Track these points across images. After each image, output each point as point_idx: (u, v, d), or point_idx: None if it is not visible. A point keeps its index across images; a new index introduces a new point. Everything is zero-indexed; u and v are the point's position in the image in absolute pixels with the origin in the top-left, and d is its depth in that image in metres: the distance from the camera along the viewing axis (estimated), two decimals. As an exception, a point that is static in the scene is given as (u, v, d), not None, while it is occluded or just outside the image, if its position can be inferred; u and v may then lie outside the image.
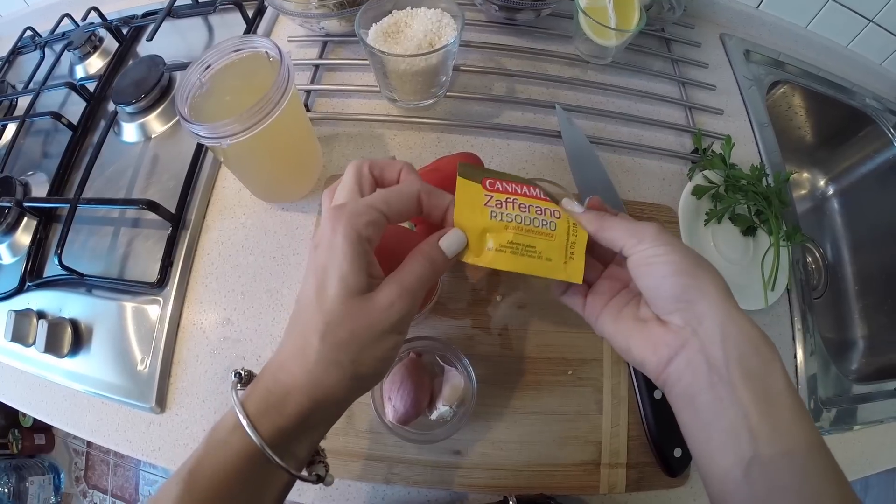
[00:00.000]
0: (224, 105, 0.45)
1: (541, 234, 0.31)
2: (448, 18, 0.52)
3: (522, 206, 0.31)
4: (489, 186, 0.32)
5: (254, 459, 0.26)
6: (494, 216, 0.31)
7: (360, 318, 0.26)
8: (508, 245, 0.31)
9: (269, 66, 0.45)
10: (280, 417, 0.26)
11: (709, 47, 0.72)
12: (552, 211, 0.32)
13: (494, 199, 0.31)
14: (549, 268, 0.31)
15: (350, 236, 0.26)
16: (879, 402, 0.57)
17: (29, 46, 0.79)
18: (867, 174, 0.80)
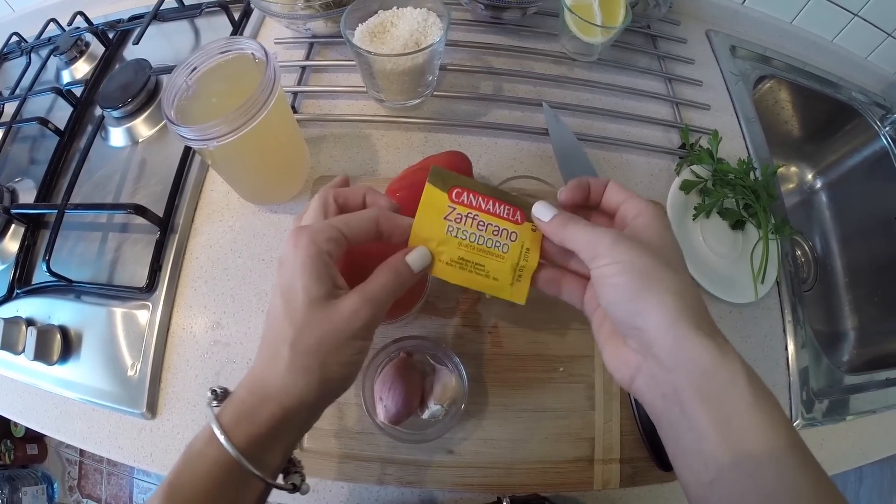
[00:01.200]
0: (211, 107, 0.45)
1: (492, 254, 0.33)
2: (434, 18, 0.52)
3: (481, 225, 0.33)
4: (455, 198, 0.33)
5: (230, 469, 0.27)
6: (451, 231, 0.32)
7: (325, 325, 0.28)
8: (458, 261, 0.32)
9: (256, 68, 0.45)
10: (253, 426, 0.27)
11: (695, 43, 0.73)
12: (509, 233, 0.33)
13: (456, 212, 0.33)
14: (494, 287, 0.33)
15: (310, 250, 0.28)
16: (871, 392, 0.58)
17: (15, 52, 0.79)
18: (854, 167, 0.81)
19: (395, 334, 0.46)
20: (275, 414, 0.28)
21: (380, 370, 0.45)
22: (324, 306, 0.28)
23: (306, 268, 0.28)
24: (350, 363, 0.29)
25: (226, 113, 0.39)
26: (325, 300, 0.28)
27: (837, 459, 0.54)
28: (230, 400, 0.29)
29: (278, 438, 0.28)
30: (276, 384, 0.28)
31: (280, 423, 0.28)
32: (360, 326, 0.29)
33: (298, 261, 0.28)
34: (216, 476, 0.27)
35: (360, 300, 0.29)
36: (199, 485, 0.27)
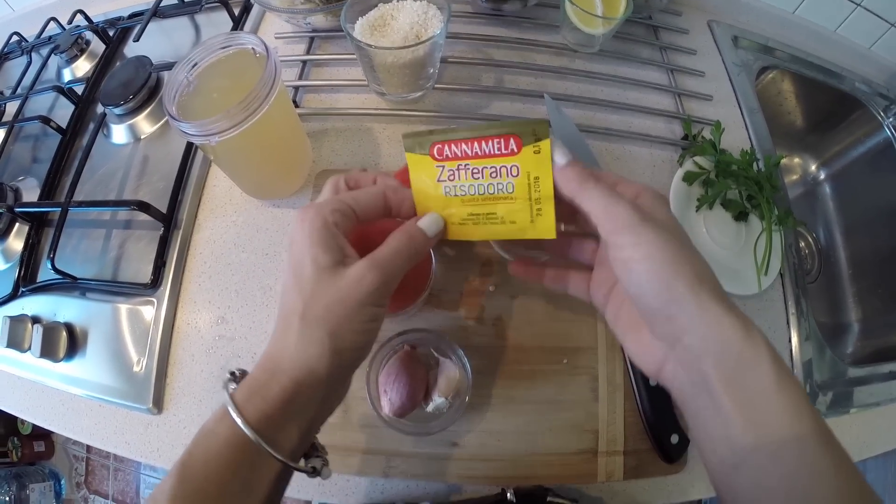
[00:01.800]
0: (212, 102, 0.45)
1: (499, 198, 0.30)
2: (434, 10, 0.52)
3: (475, 172, 0.30)
4: (438, 155, 0.30)
5: (242, 447, 0.26)
6: (448, 191, 0.31)
7: (333, 292, 0.27)
8: (469, 217, 0.31)
9: (257, 63, 0.45)
10: (264, 402, 0.27)
11: (697, 34, 0.72)
12: (508, 168, 0.29)
13: (446, 169, 0.30)
14: (516, 230, 0.31)
15: (316, 222, 0.28)
16: (875, 384, 0.58)
17: (15, 51, 0.79)
18: (858, 158, 0.81)
19: (399, 327, 0.46)
20: (286, 388, 0.27)
21: (384, 363, 0.45)
22: (332, 274, 0.28)
23: (313, 238, 0.28)
24: (362, 332, 0.29)
25: (227, 108, 0.39)
26: (333, 268, 0.28)
27: (845, 451, 0.54)
28: (244, 379, 0.28)
29: (292, 414, 0.28)
30: (288, 357, 0.28)
31: (292, 397, 0.27)
32: (369, 292, 0.28)
33: (305, 233, 0.28)
34: (228, 455, 0.26)
35: (369, 265, 0.28)
36: (212, 464, 0.26)
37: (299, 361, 0.27)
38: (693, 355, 0.26)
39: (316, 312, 0.27)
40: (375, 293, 0.28)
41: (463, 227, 0.31)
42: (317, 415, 0.30)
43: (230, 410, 0.26)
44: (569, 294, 0.35)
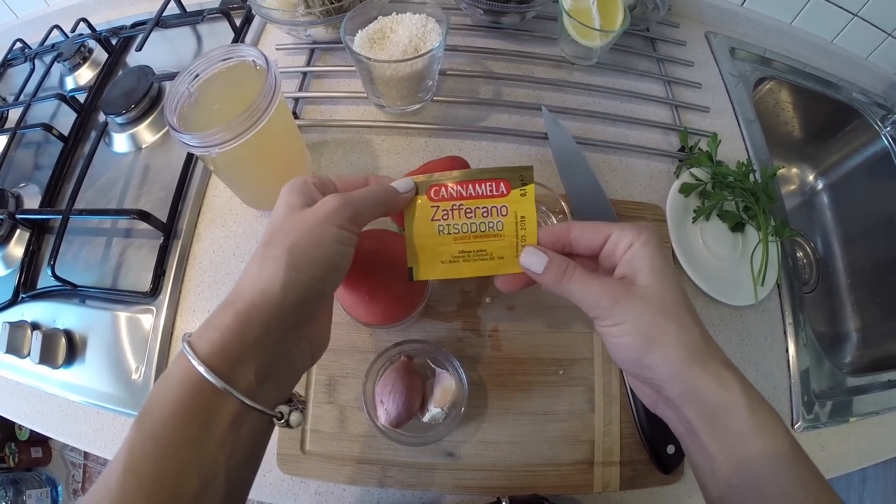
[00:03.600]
0: (213, 114, 0.45)
1: (489, 236, 0.33)
2: (433, 23, 0.53)
3: (468, 212, 0.33)
4: (434, 196, 0.33)
5: (196, 386, 0.25)
6: (442, 230, 0.33)
7: (299, 220, 0.28)
8: (460, 255, 0.33)
9: (257, 75, 0.46)
10: (217, 332, 0.25)
11: (694, 46, 0.73)
12: (499, 209, 0.33)
13: (441, 209, 0.33)
14: (502, 265, 0.33)
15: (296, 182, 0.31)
16: (874, 393, 0.58)
17: (19, 58, 0.80)
18: (856, 168, 0.81)
19: (396, 338, 0.46)
20: (239, 312, 0.26)
21: (381, 374, 0.45)
22: (301, 210, 0.29)
23: (290, 191, 0.30)
24: (321, 247, 0.28)
25: (228, 120, 0.40)
26: (302, 207, 0.29)
27: (840, 461, 0.54)
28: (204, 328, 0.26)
29: (247, 345, 0.26)
30: (244, 282, 0.27)
31: (245, 322, 0.25)
32: (331, 211, 0.28)
33: (284, 189, 0.31)
34: (183, 395, 0.24)
35: (336, 196, 0.29)
36: (167, 407, 0.24)
37: (253, 283, 0.26)
38: (674, 405, 0.29)
39: (277, 236, 0.28)
40: (338, 214, 0.28)
41: (454, 265, 0.33)
42: (278, 349, 0.27)
43: (182, 345, 0.25)
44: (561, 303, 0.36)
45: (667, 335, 0.28)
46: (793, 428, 0.53)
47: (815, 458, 0.53)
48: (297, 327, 0.29)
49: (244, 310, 0.26)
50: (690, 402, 0.28)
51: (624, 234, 0.30)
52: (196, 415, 0.25)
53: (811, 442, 0.53)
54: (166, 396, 0.25)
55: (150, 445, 0.24)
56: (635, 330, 0.28)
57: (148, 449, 0.24)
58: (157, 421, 0.24)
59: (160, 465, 0.23)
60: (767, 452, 0.27)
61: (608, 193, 0.57)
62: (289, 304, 0.27)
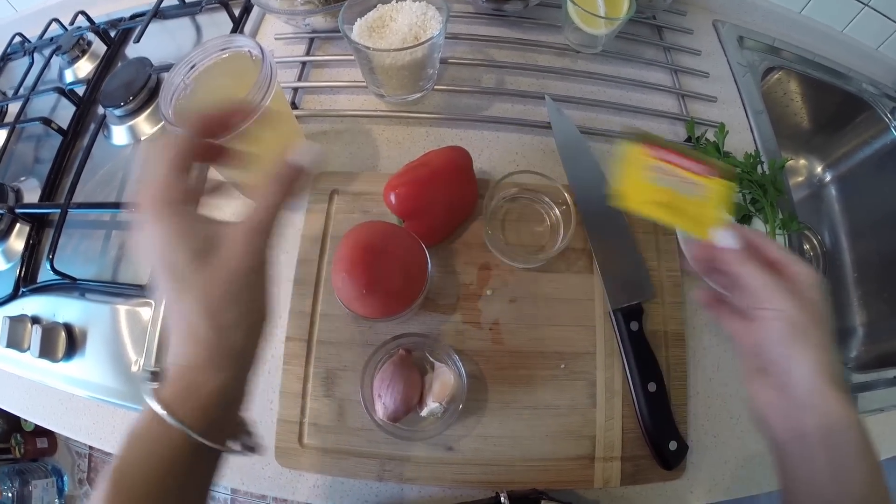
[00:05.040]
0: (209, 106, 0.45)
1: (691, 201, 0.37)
2: (433, 11, 0.52)
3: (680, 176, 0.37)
4: (651, 149, 0.37)
5: (178, 444, 0.26)
6: (651, 178, 0.37)
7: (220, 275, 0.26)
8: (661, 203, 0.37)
9: (254, 66, 0.45)
10: (194, 397, 0.26)
11: (701, 34, 0.71)
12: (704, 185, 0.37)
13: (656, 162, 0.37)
14: (692, 226, 0.37)
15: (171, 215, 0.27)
16: (880, 390, 0.57)
17: (18, 52, 0.79)
18: (865, 160, 0.79)
19: (395, 331, 0.46)
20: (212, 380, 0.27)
21: (379, 367, 0.45)
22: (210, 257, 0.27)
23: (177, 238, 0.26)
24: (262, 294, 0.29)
25: None
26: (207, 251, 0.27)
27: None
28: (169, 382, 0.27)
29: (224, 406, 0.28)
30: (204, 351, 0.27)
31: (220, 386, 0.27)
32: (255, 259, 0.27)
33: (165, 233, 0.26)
34: (164, 454, 0.26)
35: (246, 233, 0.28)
36: (146, 466, 0.25)
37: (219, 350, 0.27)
38: (796, 406, 0.32)
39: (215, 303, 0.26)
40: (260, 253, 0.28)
41: (654, 206, 0.37)
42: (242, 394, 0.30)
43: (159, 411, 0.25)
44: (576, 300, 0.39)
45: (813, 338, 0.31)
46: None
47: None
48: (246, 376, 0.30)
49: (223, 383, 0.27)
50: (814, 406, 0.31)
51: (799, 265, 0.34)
52: (174, 469, 0.26)
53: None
54: (145, 454, 0.26)
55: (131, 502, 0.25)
56: (790, 321, 0.32)
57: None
58: (138, 478, 0.25)
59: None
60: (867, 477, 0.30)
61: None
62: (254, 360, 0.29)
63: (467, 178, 0.51)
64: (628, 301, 0.49)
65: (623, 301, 0.50)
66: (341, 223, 0.52)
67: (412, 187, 0.47)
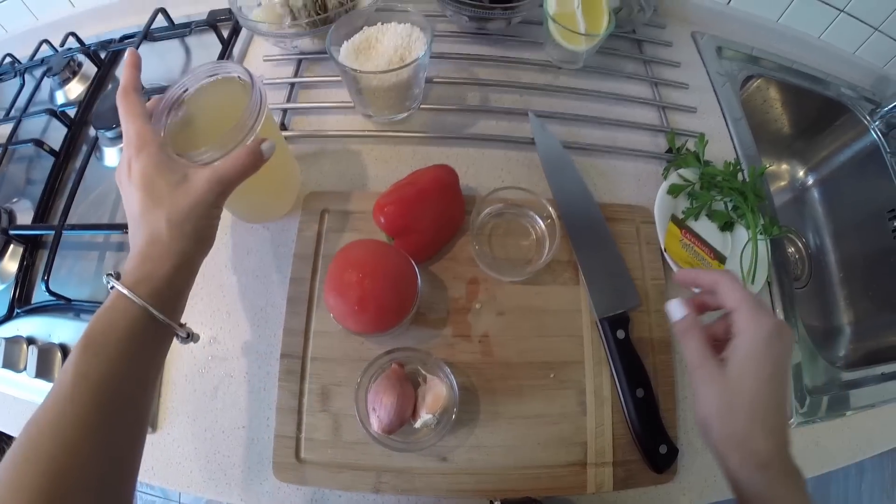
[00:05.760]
0: (199, 132, 0.45)
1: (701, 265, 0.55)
2: (418, 32, 0.53)
3: (695, 251, 0.56)
4: (683, 234, 0.56)
5: (138, 318, 0.33)
6: (684, 247, 0.56)
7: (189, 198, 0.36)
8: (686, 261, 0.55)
9: (243, 90, 0.45)
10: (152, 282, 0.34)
11: (681, 46, 0.73)
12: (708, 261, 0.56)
13: (686, 239, 0.56)
14: None
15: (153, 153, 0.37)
16: (869, 386, 0.58)
17: (8, 73, 0.79)
18: (845, 162, 0.81)
19: (387, 346, 0.47)
20: (168, 271, 0.35)
21: (373, 381, 0.46)
22: (183, 188, 0.36)
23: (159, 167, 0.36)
24: (210, 225, 0.38)
25: (215, 138, 0.40)
26: (181, 184, 0.36)
27: (837, 454, 0.54)
28: (128, 271, 0.34)
29: (173, 291, 0.35)
30: (164, 250, 0.35)
31: (172, 278, 0.35)
32: (214, 199, 0.37)
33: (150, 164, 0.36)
34: (127, 324, 0.33)
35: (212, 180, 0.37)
36: (110, 332, 0.32)
37: (175, 251, 0.35)
38: None
39: (179, 217, 0.35)
40: (219, 199, 0.37)
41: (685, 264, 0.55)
42: (187, 289, 0.38)
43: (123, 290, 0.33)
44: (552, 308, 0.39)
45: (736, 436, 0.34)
46: (787, 424, 0.53)
47: (809, 453, 0.54)
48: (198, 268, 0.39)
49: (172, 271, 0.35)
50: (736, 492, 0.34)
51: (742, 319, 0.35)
52: (134, 338, 0.33)
53: (805, 437, 0.54)
54: (111, 325, 0.32)
55: (95, 361, 0.31)
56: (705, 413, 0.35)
57: (94, 362, 0.31)
58: (102, 342, 0.32)
59: (105, 373, 0.31)
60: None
61: (596, 197, 0.57)
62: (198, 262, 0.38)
63: (454, 195, 0.52)
64: (614, 310, 0.51)
65: (609, 310, 0.51)
66: (332, 242, 0.53)
67: (400, 206, 0.48)
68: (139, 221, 0.36)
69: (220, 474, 0.48)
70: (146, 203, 0.36)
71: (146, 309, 0.33)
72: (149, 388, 0.35)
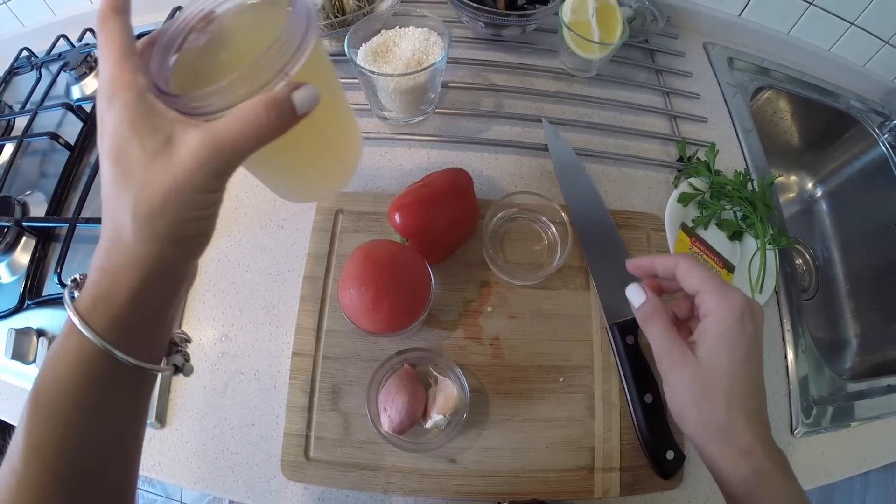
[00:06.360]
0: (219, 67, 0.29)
1: None
2: (435, 37, 0.54)
3: (704, 260, 0.56)
4: (693, 242, 0.57)
5: (95, 360, 0.24)
6: (693, 255, 0.52)
7: (167, 180, 0.23)
8: None
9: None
10: (111, 307, 0.24)
11: (692, 56, 0.74)
12: (717, 270, 0.56)
13: (695, 249, 0.57)
14: None
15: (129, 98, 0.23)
16: (874, 398, 0.58)
17: (25, 67, 0.80)
18: (854, 175, 0.81)
19: (399, 346, 0.47)
20: (133, 289, 0.24)
21: (384, 381, 0.46)
22: (161, 159, 0.23)
23: (133, 123, 0.23)
24: (202, 218, 0.25)
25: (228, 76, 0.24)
26: (161, 152, 0.23)
27: (841, 465, 0.54)
28: (85, 287, 0.24)
29: (146, 314, 0.25)
30: (127, 257, 0.24)
31: (141, 296, 0.24)
32: (206, 180, 0.23)
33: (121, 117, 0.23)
34: (80, 369, 0.23)
35: (205, 146, 0.23)
36: (62, 382, 0.23)
37: (143, 258, 0.24)
38: None
39: (151, 206, 0.23)
40: (217, 179, 0.24)
41: None
42: (169, 308, 0.27)
43: (74, 321, 0.23)
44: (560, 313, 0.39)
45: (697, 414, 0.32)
46: (792, 434, 0.53)
47: (814, 463, 0.53)
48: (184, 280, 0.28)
49: (137, 286, 0.24)
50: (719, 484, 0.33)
51: (709, 300, 0.34)
52: (94, 388, 0.24)
53: (811, 448, 0.54)
54: (60, 372, 0.24)
55: (49, 423, 0.23)
56: (678, 400, 0.33)
57: (47, 426, 0.23)
58: (53, 397, 0.23)
59: (62, 441, 0.23)
60: None
61: (607, 204, 0.58)
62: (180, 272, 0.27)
63: (468, 198, 0.53)
64: (624, 316, 0.51)
65: (619, 316, 0.51)
66: (346, 242, 0.54)
67: (416, 208, 0.49)
68: (104, 202, 0.24)
69: (227, 471, 0.48)
70: (113, 180, 0.23)
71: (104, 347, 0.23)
72: (127, 446, 0.27)
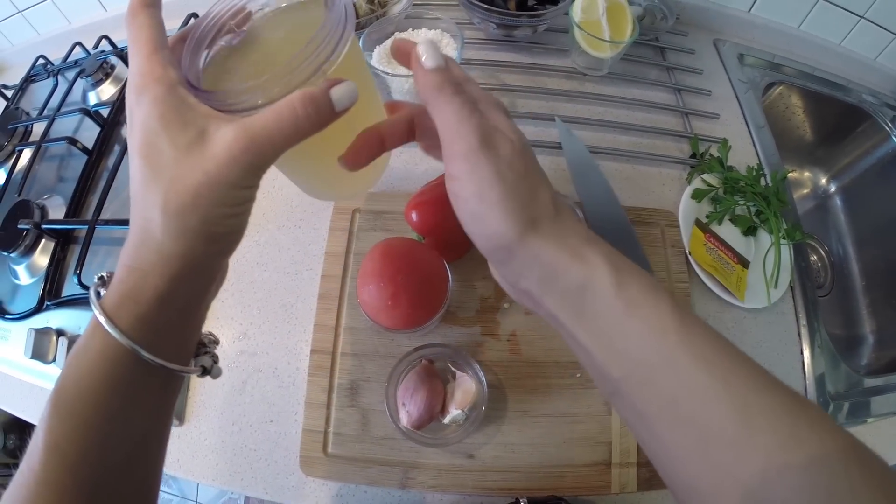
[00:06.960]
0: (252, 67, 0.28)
1: (725, 268, 0.56)
2: (448, 38, 0.54)
3: (719, 255, 0.56)
4: (707, 238, 0.57)
5: (120, 359, 0.23)
6: (708, 251, 0.56)
7: (199, 176, 0.22)
8: (712, 259, 0.56)
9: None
10: (137, 305, 0.23)
11: (703, 53, 0.74)
12: (732, 265, 0.57)
13: (710, 243, 0.57)
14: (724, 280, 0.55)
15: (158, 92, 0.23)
16: (892, 394, 0.58)
17: (41, 74, 0.82)
18: (867, 169, 0.81)
19: (417, 342, 0.47)
20: (160, 286, 0.23)
21: (403, 377, 0.46)
22: (193, 153, 0.22)
23: (164, 117, 0.22)
24: (235, 215, 0.24)
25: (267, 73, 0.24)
26: (193, 146, 0.22)
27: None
28: (111, 285, 0.24)
29: (171, 314, 0.24)
30: (156, 254, 0.23)
31: (168, 295, 0.24)
32: (240, 175, 0.23)
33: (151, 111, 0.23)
34: (105, 370, 0.23)
35: (240, 141, 0.22)
36: (85, 382, 0.23)
37: (171, 256, 0.23)
38: (535, 297, 0.26)
39: (182, 201, 0.22)
40: (251, 175, 0.23)
41: (709, 267, 0.55)
42: (198, 308, 0.27)
43: (100, 319, 0.23)
44: None
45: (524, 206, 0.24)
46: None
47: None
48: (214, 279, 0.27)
49: (165, 284, 0.23)
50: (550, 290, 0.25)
51: None
52: (119, 388, 0.23)
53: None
54: (83, 372, 0.23)
55: (70, 423, 0.23)
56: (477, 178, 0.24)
57: (69, 427, 0.23)
58: (76, 397, 0.23)
59: (83, 442, 0.23)
60: (647, 334, 0.23)
61: (622, 201, 0.58)
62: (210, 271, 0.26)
63: (485, 195, 0.53)
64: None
65: (634, 312, 0.51)
66: (363, 241, 0.54)
67: (432, 205, 0.49)
68: (133, 199, 0.24)
69: (246, 468, 0.49)
70: (142, 175, 0.23)
71: (130, 346, 0.23)
72: (150, 449, 0.26)
